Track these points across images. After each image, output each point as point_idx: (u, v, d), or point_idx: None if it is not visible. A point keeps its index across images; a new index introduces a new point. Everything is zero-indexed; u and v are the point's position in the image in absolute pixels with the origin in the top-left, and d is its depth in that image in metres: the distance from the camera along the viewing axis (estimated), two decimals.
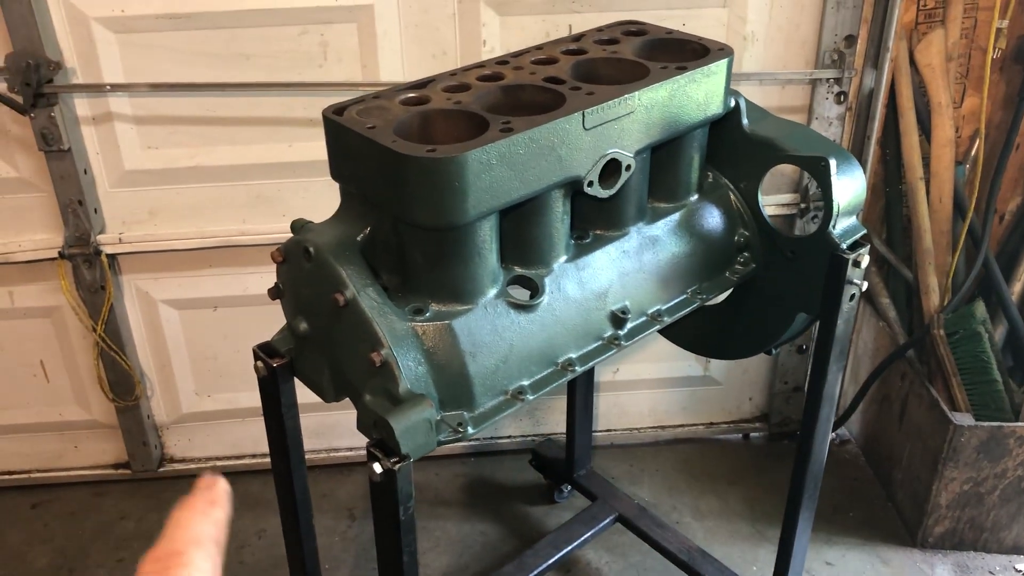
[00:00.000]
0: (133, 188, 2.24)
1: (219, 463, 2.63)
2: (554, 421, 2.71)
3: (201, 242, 2.29)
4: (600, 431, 2.74)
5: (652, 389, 2.71)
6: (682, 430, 2.76)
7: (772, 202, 2.35)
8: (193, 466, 2.64)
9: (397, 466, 1.17)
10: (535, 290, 1.38)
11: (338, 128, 1.26)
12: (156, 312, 2.41)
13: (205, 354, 2.50)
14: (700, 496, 2.55)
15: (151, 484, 2.62)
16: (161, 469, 2.62)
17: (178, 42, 2.08)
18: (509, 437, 2.72)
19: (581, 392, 2.28)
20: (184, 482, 2.61)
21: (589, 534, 2.21)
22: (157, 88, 2.09)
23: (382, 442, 1.20)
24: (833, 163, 1.46)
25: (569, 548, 2.18)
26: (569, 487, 2.49)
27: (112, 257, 2.29)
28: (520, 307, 1.35)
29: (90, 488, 2.61)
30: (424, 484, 2.60)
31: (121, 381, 2.43)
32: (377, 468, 1.18)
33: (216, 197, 2.27)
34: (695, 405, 2.75)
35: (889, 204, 2.51)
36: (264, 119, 2.19)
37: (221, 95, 2.14)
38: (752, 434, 2.78)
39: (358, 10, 2.08)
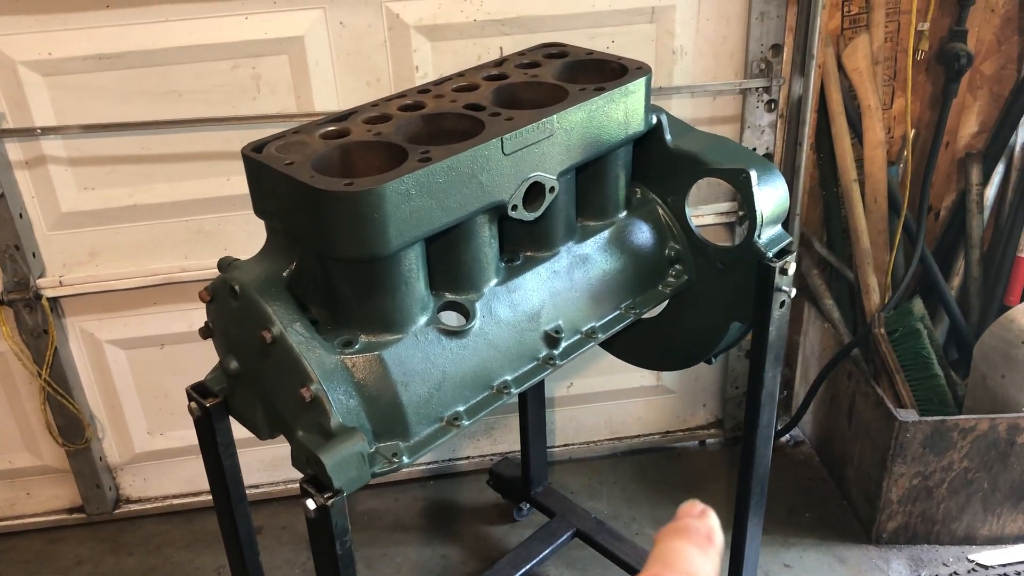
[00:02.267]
0: (72, 230, 2.22)
1: (175, 501, 2.61)
2: (512, 439, 2.71)
3: (144, 281, 2.27)
4: (557, 446, 2.75)
5: (607, 401, 2.73)
6: (638, 440, 2.78)
7: (710, 211, 2.38)
8: (149, 506, 2.61)
9: (330, 501, 1.17)
10: (467, 315, 1.39)
11: (257, 165, 1.26)
12: (102, 353, 2.39)
13: (155, 393, 2.48)
14: (658, 505, 2.57)
15: (107, 527, 2.59)
16: (117, 511, 2.59)
17: (109, 82, 2.07)
18: (467, 458, 2.73)
19: (532, 410, 2.29)
20: (141, 522, 2.59)
21: (547, 551, 2.22)
22: (89, 129, 2.08)
23: (315, 478, 1.20)
24: (754, 174, 1.49)
25: (528, 566, 2.18)
26: (528, 505, 2.50)
27: (54, 300, 2.27)
28: (451, 333, 1.36)
29: (45, 535, 2.57)
30: (384, 510, 2.60)
31: (70, 425, 2.41)
32: (311, 504, 1.18)
33: (157, 234, 2.26)
34: (650, 415, 2.77)
35: (827, 207, 2.55)
36: (201, 154, 2.18)
37: (156, 133, 2.13)
38: (707, 440, 2.80)
39: (288, 42, 2.08)
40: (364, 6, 2.07)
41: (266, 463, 2.61)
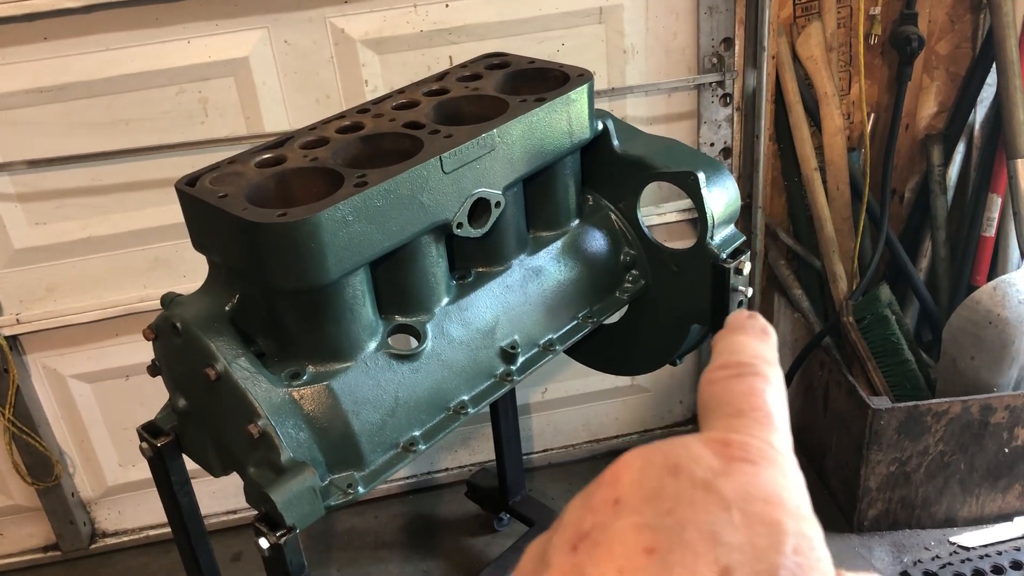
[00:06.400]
0: (26, 267, 2.19)
1: (151, 532, 2.57)
2: (489, 448, 2.68)
3: (104, 313, 2.24)
4: (536, 452, 2.73)
5: (583, 404, 2.71)
6: (617, 441, 2.76)
7: (675, 208, 2.37)
8: (126, 539, 2.57)
9: (283, 539, 1.15)
10: (418, 337, 1.37)
11: (191, 200, 1.24)
12: (67, 388, 2.35)
13: (123, 424, 2.44)
14: None
15: (84, 562, 2.55)
16: (93, 546, 2.55)
17: (53, 115, 2.04)
18: (446, 470, 2.70)
19: (504, 421, 2.27)
20: (118, 556, 2.56)
21: None
22: (35, 164, 2.05)
23: (267, 515, 1.18)
24: (702, 176, 1.47)
25: None
26: (508, 515, 2.48)
27: (12, 339, 2.23)
28: (403, 357, 1.34)
29: (21, 575, 2.54)
30: (364, 528, 2.57)
31: (38, 463, 2.37)
32: (264, 543, 1.16)
33: (114, 266, 2.22)
34: (627, 415, 2.75)
35: (791, 197, 2.54)
36: (152, 182, 2.15)
37: (105, 163, 2.10)
38: None
39: (233, 63, 2.05)
40: (308, 23, 2.05)
41: None
